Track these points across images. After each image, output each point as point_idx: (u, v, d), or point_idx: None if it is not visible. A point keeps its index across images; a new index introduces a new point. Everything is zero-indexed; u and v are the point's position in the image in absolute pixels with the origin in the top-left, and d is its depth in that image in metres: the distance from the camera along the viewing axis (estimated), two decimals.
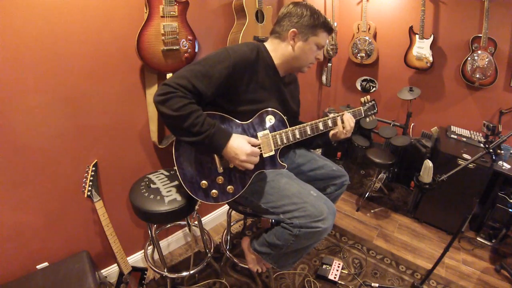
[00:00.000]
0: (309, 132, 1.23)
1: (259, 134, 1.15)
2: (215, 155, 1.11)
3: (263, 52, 1.16)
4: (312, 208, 1.10)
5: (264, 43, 1.21)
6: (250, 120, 1.16)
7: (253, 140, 1.10)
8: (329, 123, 1.28)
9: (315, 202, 1.12)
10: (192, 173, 1.11)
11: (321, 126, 1.26)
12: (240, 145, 1.05)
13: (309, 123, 1.24)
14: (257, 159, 1.09)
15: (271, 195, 1.18)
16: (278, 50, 1.19)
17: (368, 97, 1.43)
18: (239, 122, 1.15)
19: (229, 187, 1.15)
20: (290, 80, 1.34)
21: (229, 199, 1.17)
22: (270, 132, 1.16)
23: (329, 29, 1.17)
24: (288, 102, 1.30)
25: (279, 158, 1.21)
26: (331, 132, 1.32)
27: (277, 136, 1.17)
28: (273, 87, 1.21)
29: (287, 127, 1.20)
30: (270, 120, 1.18)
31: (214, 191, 1.13)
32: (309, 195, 1.15)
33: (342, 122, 1.28)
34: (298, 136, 1.21)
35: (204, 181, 1.11)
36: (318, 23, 1.13)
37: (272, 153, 1.16)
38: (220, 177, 1.13)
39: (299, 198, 1.13)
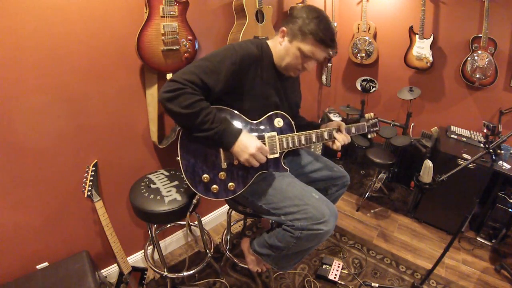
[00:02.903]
0: (314, 140, 1.24)
1: (266, 135, 1.15)
2: (221, 150, 1.11)
3: (265, 49, 1.17)
4: (313, 210, 1.09)
5: (267, 41, 1.21)
6: (259, 120, 1.16)
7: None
8: (334, 133, 1.29)
9: (317, 204, 1.12)
10: (195, 165, 1.10)
11: (325, 135, 1.27)
12: (249, 140, 1.05)
13: (314, 131, 1.24)
14: (264, 157, 1.09)
15: (272, 196, 1.18)
16: (275, 47, 1.18)
17: (372, 114, 1.46)
18: (248, 120, 1.15)
19: (230, 184, 1.14)
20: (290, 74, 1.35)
21: (229, 197, 1.16)
22: (278, 135, 1.17)
23: (319, 40, 1.07)
24: (290, 96, 1.32)
25: (282, 161, 1.21)
26: None
27: (284, 139, 1.18)
28: (276, 83, 1.21)
29: (294, 132, 1.21)
30: (278, 123, 1.19)
31: (214, 186, 1.12)
32: (311, 197, 1.15)
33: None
34: (303, 142, 1.21)
35: (206, 175, 1.10)
36: (308, 30, 1.06)
37: (277, 155, 1.17)
38: (223, 172, 1.12)
39: (300, 200, 1.13)
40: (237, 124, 1.13)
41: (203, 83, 1.00)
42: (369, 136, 1.50)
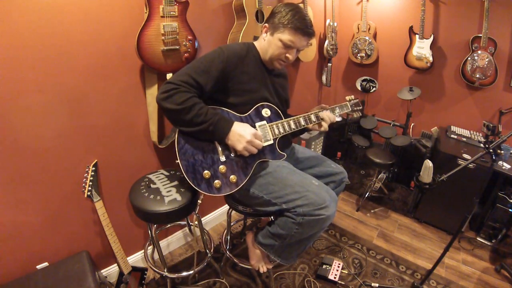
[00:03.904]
0: (302, 123, 1.31)
1: (257, 124, 1.23)
2: (217, 144, 1.15)
3: (252, 49, 1.26)
4: (314, 196, 1.13)
5: (253, 41, 1.31)
6: (248, 113, 1.23)
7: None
8: (320, 114, 1.35)
9: (317, 191, 1.15)
10: (195, 164, 1.12)
11: (313, 118, 1.33)
12: (243, 128, 1.13)
13: (302, 115, 1.31)
14: (260, 144, 1.16)
15: (273, 185, 1.21)
16: (260, 44, 1.28)
17: (352, 96, 1.53)
18: (237, 114, 1.21)
19: (232, 176, 1.16)
20: (279, 72, 1.40)
21: (233, 190, 1.18)
22: (268, 123, 1.25)
23: (296, 29, 1.17)
24: (279, 91, 1.38)
25: (277, 147, 1.26)
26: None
27: (274, 126, 1.26)
28: (263, 78, 1.29)
29: (282, 119, 1.29)
30: (266, 113, 1.27)
31: (217, 181, 1.14)
32: (311, 184, 1.19)
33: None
34: (293, 126, 1.29)
35: (207, 171, 1.12)
36: (285, 21, 1.17)
37: (271, 142, 1.24)
38: (223, 166, 1.15)
39: (301, 187, 1.16)
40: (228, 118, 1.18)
41: (196, 82, 1.09)
42: (355, 116, 1.54)
